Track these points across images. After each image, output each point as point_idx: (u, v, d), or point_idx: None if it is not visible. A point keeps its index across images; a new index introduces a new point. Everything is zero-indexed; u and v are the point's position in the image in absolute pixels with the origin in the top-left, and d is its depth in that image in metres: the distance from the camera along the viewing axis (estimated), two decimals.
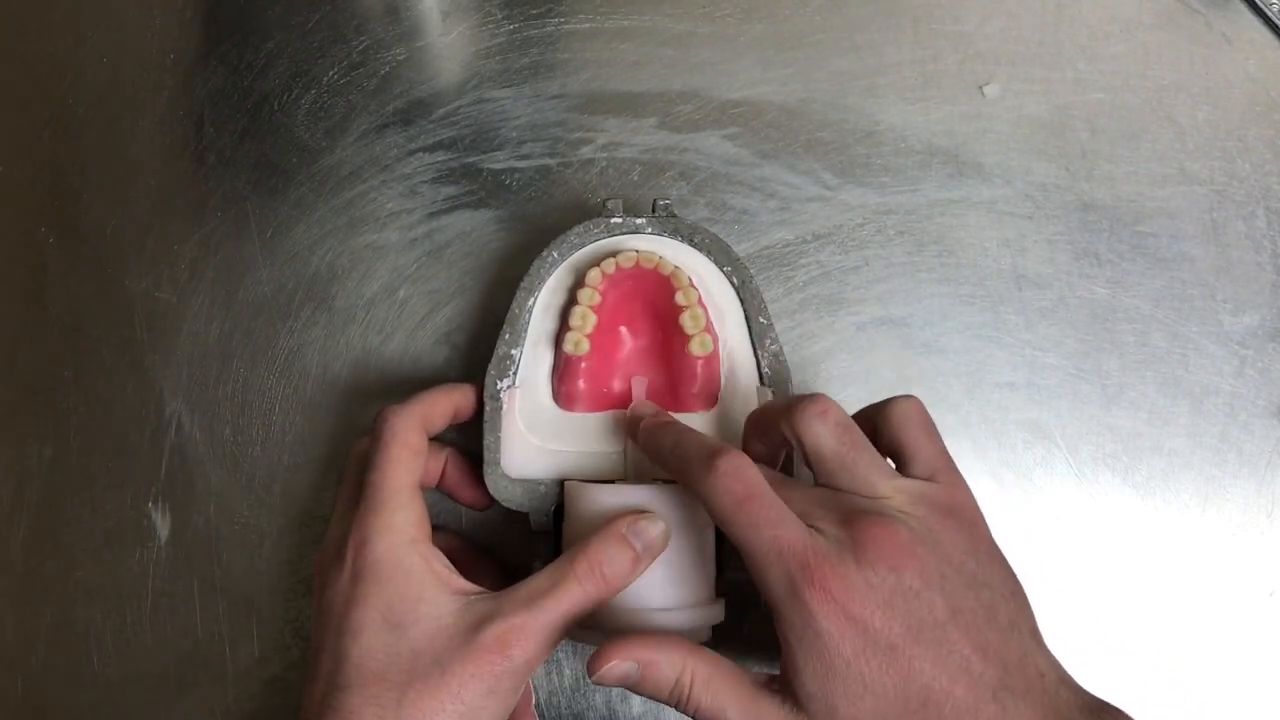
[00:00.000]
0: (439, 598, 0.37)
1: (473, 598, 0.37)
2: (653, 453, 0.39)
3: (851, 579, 0.33)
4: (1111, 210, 0.48)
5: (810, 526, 0.34)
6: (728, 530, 0.35)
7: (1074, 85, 0.49)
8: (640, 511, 0.39)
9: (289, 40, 0.49)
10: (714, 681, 0.34)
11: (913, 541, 0.34)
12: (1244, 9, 0.50)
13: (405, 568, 0.37)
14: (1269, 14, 0.49)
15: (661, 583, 0.40)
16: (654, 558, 0.39)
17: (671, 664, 0.34)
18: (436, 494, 0.46)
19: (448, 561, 0.38)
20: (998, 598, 0.34)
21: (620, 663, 0.34)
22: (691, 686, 0.34)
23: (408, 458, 0.39)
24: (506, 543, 0.46)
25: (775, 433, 0.38)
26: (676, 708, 0.35)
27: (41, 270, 0.48)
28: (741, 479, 0.35)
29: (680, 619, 0.40)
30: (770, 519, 0.34)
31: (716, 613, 0.41)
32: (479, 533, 0.46)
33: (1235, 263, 0.48)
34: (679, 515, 0.41)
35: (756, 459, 0.36)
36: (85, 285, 0.48)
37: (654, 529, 0.38)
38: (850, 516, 0.34)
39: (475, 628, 0.36)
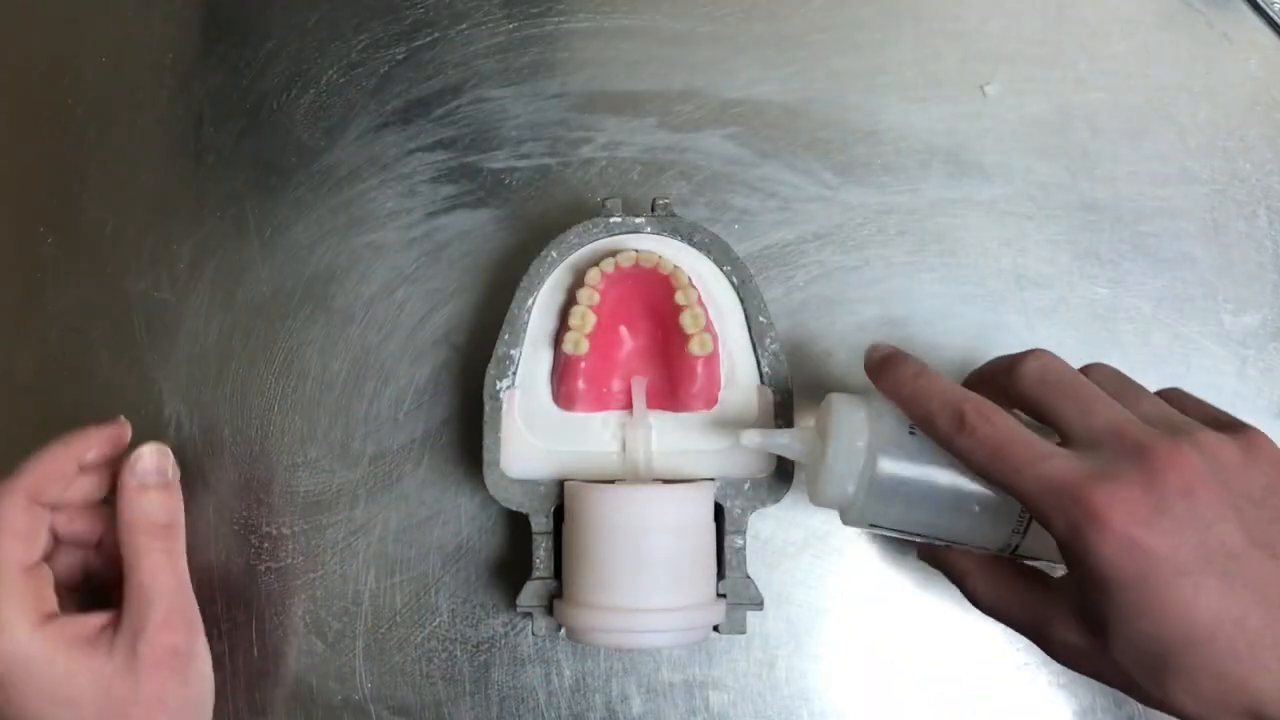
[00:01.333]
0: (81, 677, 0.37)
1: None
2: (891, 393, 0.38)
3: (1135, 501, 0.31)
4: (1112, 210, 0.48)
5: (1084, 456, 0.33)
6: (993, 481, 0.35)
7: (1075, 85, 0.49)
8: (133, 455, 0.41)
9: (288, 40, 0.49)
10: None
11: (1204, 467, 0.32)
12: (1245, 8, 0.50)
13: (37, 659, 0.37)
14: (1270, 13, 0.49)
15: (662, 583, 0.40)
16: (175, 473, 0.41)
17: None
18: (436, 494, 0.46)
19: (87, 627, 0.38)
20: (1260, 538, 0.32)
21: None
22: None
23: (7, 541, 0.38)
24: (506, 543, 0.46)
25: (996, 392, 0.37)
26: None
27: (41, 270, 0.48)
28: (993, 424, 0.34)
29: (680, 619, 0.40)
30: (1031, 456, 0.33)
31: (716, 613, 0.41)
32: (479, 535, 0.46)
33: (1236, 262, 0.48)
34: (679, 515, 0.41)
35: None
36: (85, 285, 0.48)
37: (150, 458, 0.41)
38: (1133, 441, 0.33)
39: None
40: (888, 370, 0.38)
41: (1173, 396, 0.37)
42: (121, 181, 0.49)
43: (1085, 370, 0.37)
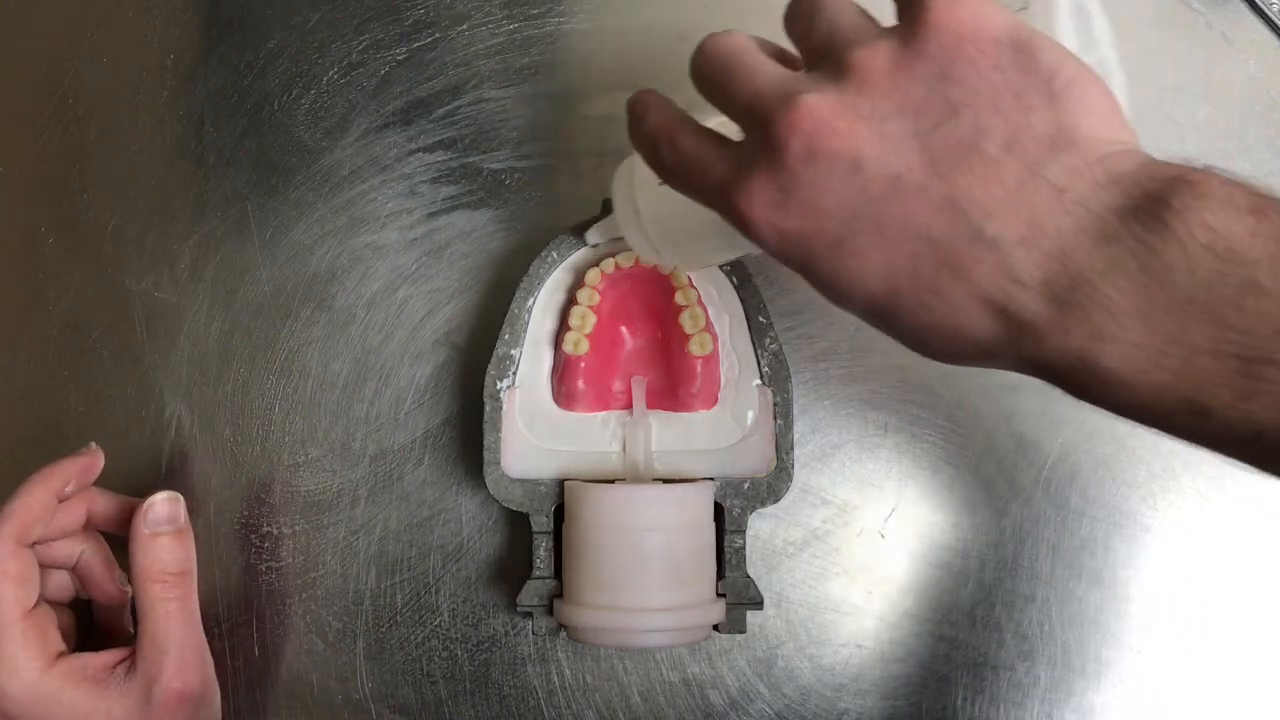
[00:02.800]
0: (93, 714, 0.38)
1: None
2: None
3: (766, 188, 0.29)
4: None
5: (731, 147, 0.31)
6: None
7: None
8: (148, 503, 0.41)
9: (289, 40, 0.49)
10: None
11: (826, 114, 0.28)
12: (1244, 9, 0.50)
13: (47, 699, 0.37)
14: (1269, 14, 0.49)
15: (661, 583, 0.40)
16: (186, 520, 0.42)
17: None
18: (436, 494, 0.46)
19: (95, 665, 0.39)
20: (990, 119, 0.28)
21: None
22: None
23: (7, 590, 0.38)
24: (507, 543, 0.46)
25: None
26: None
27: (41, 270, 0.48)
28: (676, 149, 0.32)
29: (680, 619, 0.40)
30: (697, 167, 0.31)
31: (716, 612, 0.41)
32: (479, 534, 0.46)
33: None
34: (679, 514, 0.41)
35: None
36: (85, 285, 0.48)
37: (163, 506, 0.41)
38: (760, 117, 0.29)
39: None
40: (630, 127, 0.35)
41: None
42: (122, 181, 0.49)
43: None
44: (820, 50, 0.30)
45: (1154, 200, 0.26)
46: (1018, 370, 0.28)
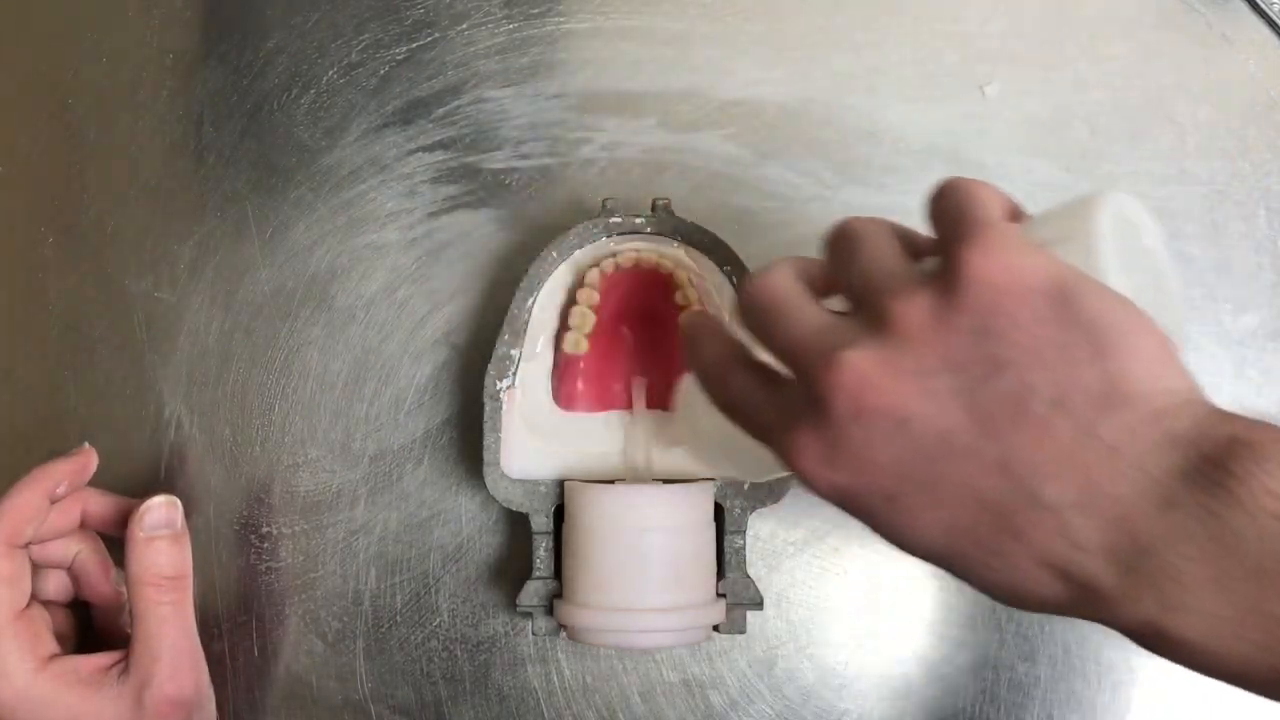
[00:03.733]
0: (86, 717, 0.38)
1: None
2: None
3: (814, 443, 0.28)
4: None
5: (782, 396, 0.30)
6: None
7: (1074, 85, 0.49)
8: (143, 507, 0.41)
9: (289, 40, 0.49)
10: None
11: (869, 370, 0.28)
12: (1244, 9, 0.50)
13: (38, 702, 0.37)
14: (1269, 14, 0.49)
15: (661, 583, 0.40)
16: (183, 524, 0.41)
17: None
18: (436, 494, 0.46)
19: (88, 668, 0.39)
20: (1036, 376, 0.27)
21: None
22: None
23: None
24: (507, 543, 0.46)
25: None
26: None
27: (41, 270, 0.48)
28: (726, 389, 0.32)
29: (680, 619, 0.40)
30: (760, 422, 0.31)
31: (716, 612, 0.41)
32: (479, 534, 0.46)
33: (1235, 263, 0.48)
34: (679, 514, 0.41)
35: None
36: (85, 285, 0.48)
37: (160, 511, 0.40)
38: (803, 370, 0.29)
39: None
40: (686, 354, 0.35)
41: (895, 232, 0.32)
42: (121, 181, 0.49)
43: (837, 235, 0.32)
44: (859, 295, 0.30)
45: (1214, 465, 0.25)
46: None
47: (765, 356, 0.32)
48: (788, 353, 0.30)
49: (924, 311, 0.27)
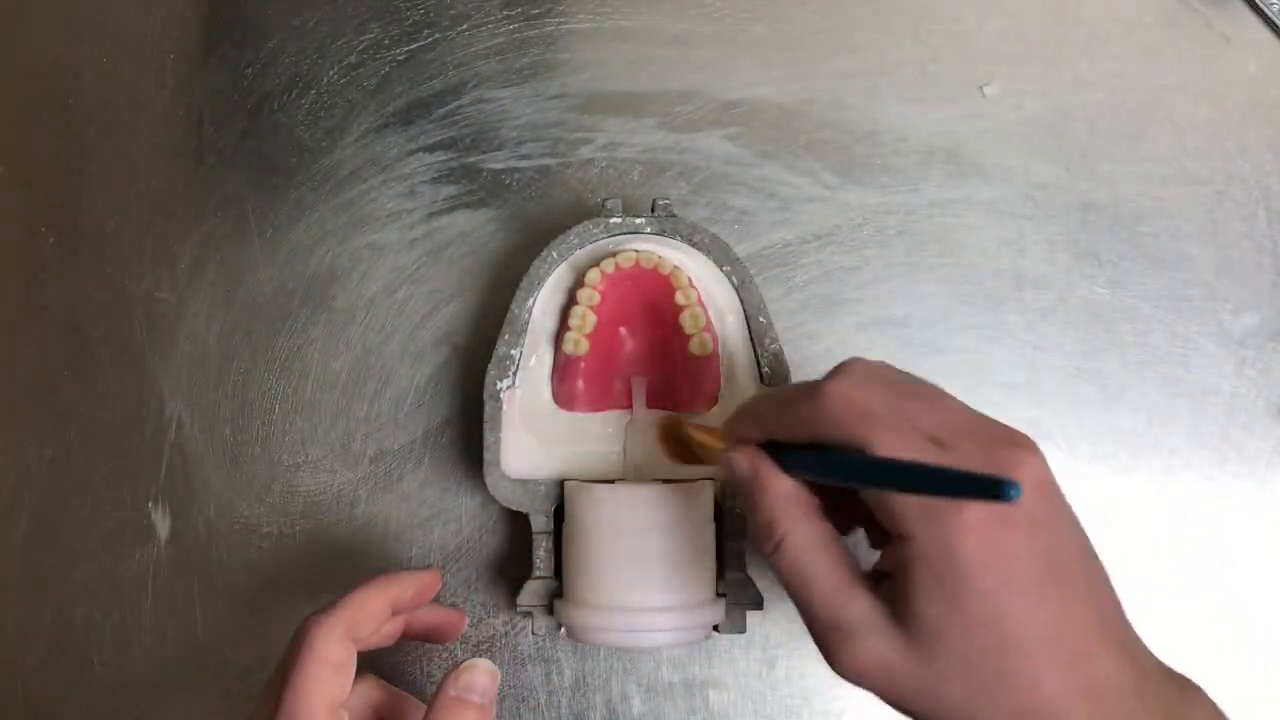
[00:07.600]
0: None
1: None
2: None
3: (1004, 507, 0.29)
4: (1111, 210, 0.48)
5: (944, 449, 0.31)
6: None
7: (1074, 85, 0.49)
8: (459, 664, 0.37)
9: (289, 40, 0.49)
10: (813, 547, 0.33)
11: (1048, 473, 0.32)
12: (1244, 9, 0.50)
13: None
14: (1269, 14, 0.49)
15: (661, 583, 0.40)
16: (494, 699, 0.37)
17: (780, 498, 0.33)
18: (436, 494, 0.46)
19: None
20: (1089, 548, 0.33)
21: (744, 463, 0.34)
22: (785, 538, 0.33)
23: (326, 676, 0.36)
24: (506, 543, 0.46)
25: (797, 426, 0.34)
26: (765, 554, 0.34)
27: (41, 270, 0.48)
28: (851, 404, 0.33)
29: (680, 619, 0.40)
30: (898, 444, 0.31)
31: (716, 612, 0.41)
32: (479, 534, 0.46)
33: (1235, 263, 0.48)
34: (679, 514, 0.41)
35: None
36: (85, 285, 0.48)
37: (479, 675, 0.37)
38: (991, 439, 0.32)
39: None
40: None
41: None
42: (122, 181, 0.49)
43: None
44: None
45: None
46: None
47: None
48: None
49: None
